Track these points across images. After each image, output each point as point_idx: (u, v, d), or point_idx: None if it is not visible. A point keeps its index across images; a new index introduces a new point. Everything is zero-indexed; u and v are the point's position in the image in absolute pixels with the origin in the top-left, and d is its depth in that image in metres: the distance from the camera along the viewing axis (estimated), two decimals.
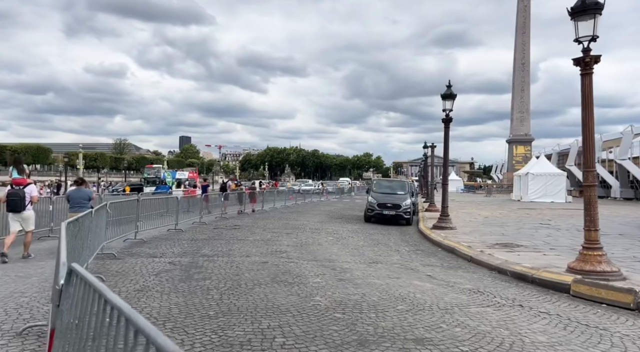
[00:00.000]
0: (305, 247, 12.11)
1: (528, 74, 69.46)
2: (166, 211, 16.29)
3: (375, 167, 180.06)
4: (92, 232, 8.20)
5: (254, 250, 11.35)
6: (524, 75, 69.17)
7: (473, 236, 14.29)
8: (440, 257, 11.36)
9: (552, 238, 13.77)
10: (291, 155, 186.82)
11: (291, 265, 9.35)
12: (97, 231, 9.05)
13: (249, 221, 19.50)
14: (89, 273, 2.61)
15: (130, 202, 13.16)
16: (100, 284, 2.23)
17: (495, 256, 10.60)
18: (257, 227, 16.77)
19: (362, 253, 11.53)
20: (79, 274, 2.65)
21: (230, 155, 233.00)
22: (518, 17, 70.91)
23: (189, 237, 13.74)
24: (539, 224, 18.44)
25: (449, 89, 16.34)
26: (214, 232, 15.14)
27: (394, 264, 9.99)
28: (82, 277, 2.54)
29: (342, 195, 48.49)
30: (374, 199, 20.00)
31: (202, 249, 11.39)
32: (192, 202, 19.21)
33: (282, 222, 19.20)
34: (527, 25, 70.20)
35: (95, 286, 2.25)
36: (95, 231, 8.72)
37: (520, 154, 68.21)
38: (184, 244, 12.23)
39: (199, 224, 17.44)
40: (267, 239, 13.64)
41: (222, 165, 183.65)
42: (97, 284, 2.26)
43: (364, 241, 14.07)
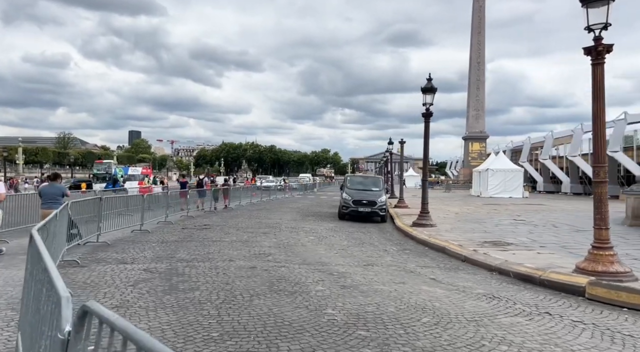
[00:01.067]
0: (289, 249, 11.28)
1: (483, 73, 71.37)
2: (126, 209, 14.93)
3: (332, 163, 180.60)
4: (56, 237, 7.04)
5: (235, 253, 10.41)
6: (479, 74, 70.94)
7: (456, 234, 13.95)
8: (432, 257, 10.84)
9: (535, 235, 13.64)
10: (248, 151, 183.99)
11: (283, 270, 8.52)
12: (60, 235, 7.85)
13: (217, 219, 18.38)
14: (114, 314, 1.70)
15: (92, 201, 11.82)
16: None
17: (490, 255, 10.19)
18: (229, 227, 15.74)
19: (351, 254, 10.84)
20: (99, 316, 1.75)
21: (183, 150, 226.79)
22: (473, 16, 72.55)
23: (157, 238, 12.56)
24: (512, 220, 18.47)
25: (429, 82, 15.93)
26: (184, 232, 13.99)
27: (390, 266, 9.36)
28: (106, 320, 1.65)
29: (305, 191, 47.76)
30: (349, 195, 19.38)
31: (176, 252, 10.31)
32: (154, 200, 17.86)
33: (254, 220, 18.23)
34: (482, 25, 71.98)
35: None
36: (59, 235, 7.54)
37: (475, 150, 70.00)
38: (154, 247, 11.07)
39: (165, 223, 16.17)
40: (244, 239, 12.70)
41: (176, 161, 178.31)
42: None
43: (347, 240, 13.40)
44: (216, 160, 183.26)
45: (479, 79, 70.46)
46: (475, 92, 70.09)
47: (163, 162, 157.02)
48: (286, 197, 38.45)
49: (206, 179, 26.02)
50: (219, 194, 22.81)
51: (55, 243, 6.77)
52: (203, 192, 20.23)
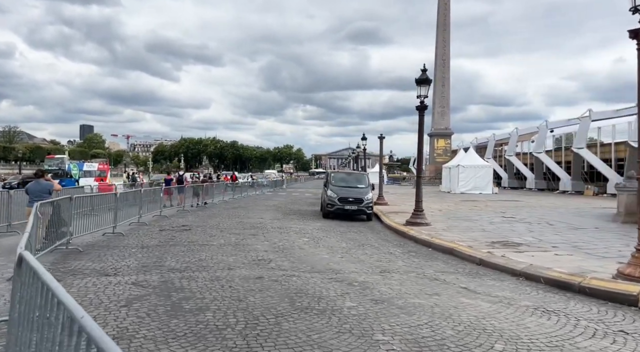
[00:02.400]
0: (288, 253, 10.20)
1: (448, 70, 72.05)
2: (92, 209, 13.32)
3: (296, 159, 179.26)
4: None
5: (230, 259, 9.23)
6: (444, 71, 71.58)
7: (455, 233, 13.28)
8: (443, 260, 10.04)
9: (537, 233, 13.15)
10: (209, 147, 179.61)
11: (295, 280, 7.45)
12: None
13: (195, 219, 16.97)
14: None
15: (60, 201, 10.26)
16: None
17: (510, 257, 9.51)
18: (211, 228, 14.44)
19: (358, 258, 9.89)
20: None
21: (140, 145, 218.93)
22: (439, 14, 73.18)
23: (135, 243, 11.14)
24: (501, 217, 18.09)
25: (424, 73, 15.16)
26: (163, 235, 12.60)
27: (409, 273, 8.47)
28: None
29: (275, 188, 46.43)
30: (334, 193, 18.43)
31: (163, 260, 9.02)
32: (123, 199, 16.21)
33: (235, 220, 16.95)
34: (447, 22, 72.68)
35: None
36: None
37: (440, 147, 70.71)
38: (135, 253, 9.70)
39: (138, 224, 14.66)
40: (233, 242, 11.50)
41: (132, 157, 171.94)
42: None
43: (344, 241, 12.44)
44: (175, 156, 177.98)
45: (444, 76, 71.13)
46: (440, 89, 70.66)
47: (119, 158, 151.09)
48: (257, 194, 37.07)
49: (186, 175, 24.50)
50: (201, 191, 21.49)
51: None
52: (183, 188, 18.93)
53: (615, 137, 38.35)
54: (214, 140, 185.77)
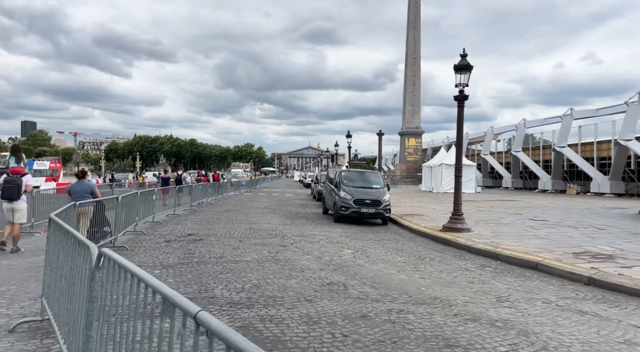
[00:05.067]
0: (350, 271, 8.17)
1: (419, 68, 71.54)
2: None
3: (257, 158, 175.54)
4: None
5: (293, 284, 7.12)
6: (415, 70, 71.12)
7: (509, 241, 11.66)
8: (539, 279, 8.31)
9: (603, 241, 11.73)
10: (165, 145, 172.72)
11: (413, 319, 5.51)
12: None
13: (196, 226, 14.52)
14: None
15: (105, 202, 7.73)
16: None
17: (625, 274, 7.93)
18: (224, 237, 12.13)
19: (441, 279, 8.01)
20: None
21: (89, 143, 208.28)
22: (409, 13, 72.61)
23: (149, 261, 8.76)
24: (530, 219, 16.74)
25: (464, 58, 13.44)
26: (175, 248, 10.20)
27: (534, 301, 6.66)
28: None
29: (250, 188, 43.77)
30: (349, 194, 16.46)
31: (206, 286, 6.77)
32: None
33: (242, 226, 14.66)
34: (418, 20, 72.25)
35: None
36: None
37: (411, 146, 70.21)
38: (162, 276, 7.36)
39: (135, 234, 12.13)
40: (270, 257, 9.33)
41: (83, 155, 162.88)
42: None
43: (392, 253, 10.54)
44: (129, 155, 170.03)
45: (414, 75, 70.62)
46: (411, 87, 70.19)
47: (67, 156, 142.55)
48: (236, 195, 34.46)
49: (184, 175, 21.91)
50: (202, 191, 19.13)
51: None
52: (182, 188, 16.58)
53: (598, 136, 38.58)
54: (171, 138, 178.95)
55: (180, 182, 20.89)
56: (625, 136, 32.87)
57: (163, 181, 21.55)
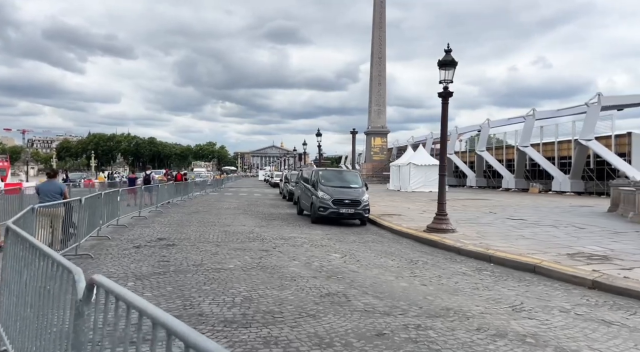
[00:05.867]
0: (345, 279, 7.52)
1: (384, 68, 71.84)
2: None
3: (219, 157, 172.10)
4: None
5: (288, 296, 6.38)
6: (380, 69, 71.35)
7: (497, 241, 11.35)
8: (543, 283, 7.93)
9: (589, 240, 11.61)
10: (122, 143, 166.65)
11: (435, 336, 4.88)
12: None
13: (165, 229, 13.46)
14: None
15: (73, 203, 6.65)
16: None
17: (630, 277, 7.66)
18: (198, 241, 11.21)
19: (445, 286, 7.49)
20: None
21: (39, 141, 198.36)
22: (375, 12, 72.80)
23: (120, 271, 7.78)
24: (507, 218, 16.64)
25: (448, 54, 13.03)
26: (147, 255, 9.22)
27: (550, 310, 6.22)
28: None
29: (216, 188, 42.34)
30: (327, 194, 15.82)
31: (192, 301, 5.93)
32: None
33: (216, 229, 13.73)
34: (383, 20, 72.54)
35: None
36: None
37: (377, 145, 70.39)
38: (137, 289, 6.45)
39: (98, 239, 11.00)
40: (254, 264, 8.56)
41: (32, 153, 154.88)
42: None
43: (383, 256, 9.98)
44: (83, 153, 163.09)
45: (380, 74, 70.89)
46: (377, 87, 70.41)
47: (15, 155, 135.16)
48: (201, 195, 33.14)
49: (153, 174, 20.56)
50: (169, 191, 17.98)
51: None
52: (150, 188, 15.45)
53: (559, 136, 39.68)
54: (128, 136, 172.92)
55: (149, 181, 19.63)
56: (586, 136, 33.87)
57: (130, 181, 20.20)
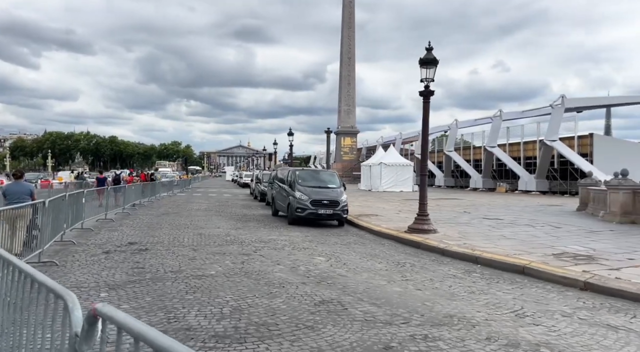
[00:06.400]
0: (336, 284, 7.14)
1: (354, 68, 71.90)
2: None
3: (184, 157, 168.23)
4: None
5: (280, 305, 5.94)
6: (350, 69, 71.38)
7: (479, 242, 11.25)
8: (536, 285, 7.78)
9: (569, 240, 11.66)
10: (81, 142, 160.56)
11: (445, 348, 4.56)
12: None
13: (135, 232, 12.70)
14: None
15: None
16: None
17: (622, 278, 7.62)
18: (172, 245, 10.58)
19: (440, 290, 7.22)
20: None
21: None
22: (344, 11, 72.82)
23: (91, 280, 7.11)
24: (482, 218, 16.69)
25: (429, 52, 12.86)
26: (119, 262, 8.55)
27: (552, 315, 6.04)
28: None
29: (184, 188, 41.09)
30: (305, 194, 15.41)
31: (176, 313, 5.40)
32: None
33: (189, 231, 13.08)
34: (352, 19, 72.63)
35: None
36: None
37: (347, 145, 70.37)
38: (111, 300, 5.85)
39: (62, 244, 10.19)
40: (235, 269, 8.05)
41: None
42: None
43: (368, 259, 9.66)
44: (39, 152, 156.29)
45: (349, 74, 70.92)
46: (346, 87, 70.41)
47: None
48: (169, 195, 32.04)
49: (123, 174, 19.53)
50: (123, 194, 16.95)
51: None
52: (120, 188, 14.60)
53: (524, 136, 40.63)
54: (87, 135, 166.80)
55: (119, 181, 18.67)
56: (551, 137, 34.79)
57: (99, 181, 19.14)
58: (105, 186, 16.99)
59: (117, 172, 21.23)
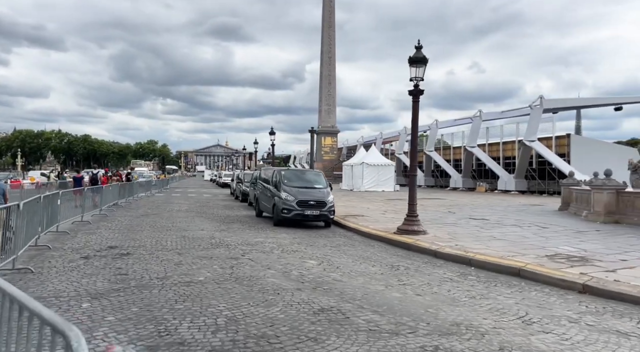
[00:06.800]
0: (332, 290, 6.84)
1: (334, 68, 71.82)
2: None
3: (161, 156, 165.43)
4: None
5: (278, 314, 5.61)
6: (330, 69, 71.21)
7: (469, 243, 11.12)
8: (538, 289, 7.64)
9: (559, 241, 11.63)
10: (53, 141, 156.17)
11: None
12: None
13: (115, 235, 12.13)
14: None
15: None
16: None
17: (620, 280, 7.53)
18: (155, 249, 10.10)
19: (441, 295, 6.99)
20: None
21: None
22: (324, 11, 72.60)
23: (70, 288, 6.63)
24: (468, 218, 16.66)
25: (419, 51, 12.68)
26: (99, 268, 8.06)
27: (556, 320, 5.87)
28: None
29: (162, 189, 40.14)
30: (291, 195, 15.06)
31: (166, 324, 5.01)
32: None
33: (172, 234, 12.58)
34: (332, 19, 72.48)
35: None
36: None
37: (327, 144, 70.15)
38: (95, 311, 5.41)
39: (38, 250, 9.59)
40: (225, 274, 7.67)
41: None
42: None
43: (361, 261, 9.39)
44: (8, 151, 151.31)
45: (330, 74, 70.73)
46: (327, 86, 70.18)
47: None
48: (147, 195, 31.18)
49: (100, 174, 18.73)
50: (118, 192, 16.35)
51: None
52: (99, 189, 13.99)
53: (503, 136, 41.11)
54: (59, 133, 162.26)
55: (97, 182, 17.93)
56: (530, 137, 35.28)
57: (76, 181, 18.36)
58: (82, 186, 16.25)
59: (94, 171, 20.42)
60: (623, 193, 15.06)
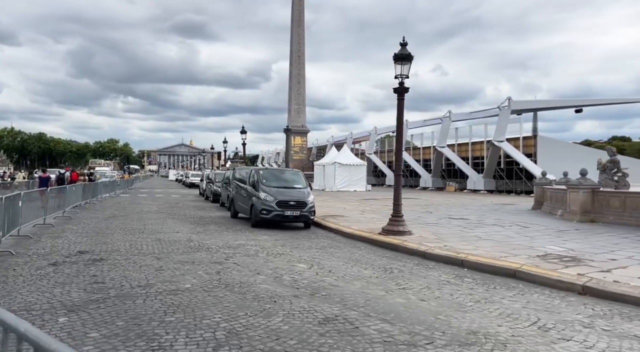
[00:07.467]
0: (331, 295, 6.43)
1: (304, 67, 71.16)
2: None
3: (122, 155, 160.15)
4: None
5: (281, 325, 5.15)
6: (299, 68, 70.57)
7: (457, 244, 10.95)
8: (539, 291, 7.48)
9: (544, 241, 11.62)
10: (4, 139, 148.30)
11: None
12: None
13: (83, 239, 11.27)
14: None
15: None
16: None
17: (620, 281, 7.46)
18: (131, 253, 9.39)
19: (446, 300, 6.69)
20: None
21: None
22: (293, 9, 71.91)
23: (43, 299, 5.92)
24: (433, 214, 16.60)
25: (404, 48, 12.42)
26: (71, 276, 7.34)
27: (573, 326, 5.66)
28: None
29: (126, 189, 38.56)
30: (270, 195, 14.54)
31: (158, 341, 4.45)
32: None
33: (145, 237, 11.84)
34: (302, 18, 71.90)
35: None
36: None
37: (297, 144, 69.39)
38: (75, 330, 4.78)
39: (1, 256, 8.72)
40: (212, 281, 7.11)
41: None
42: None
43: (351, 264, 9.01)
44: None
45: (299, 73, 70.09)
46: (296, 86, 69.55)
47: None
48: (111, 196, 29.79)
49: (67, 174, 17.43)
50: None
51: None
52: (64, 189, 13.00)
53: (472, 137, 41.79)
54: (11, 131, 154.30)
55: (63, 181, 16.80)
56: (499, 138, 35.95)
57: (42, 181, 17.16)
58: (47, 186, 15.16)
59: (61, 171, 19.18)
60: (599, 192, 15.34)
